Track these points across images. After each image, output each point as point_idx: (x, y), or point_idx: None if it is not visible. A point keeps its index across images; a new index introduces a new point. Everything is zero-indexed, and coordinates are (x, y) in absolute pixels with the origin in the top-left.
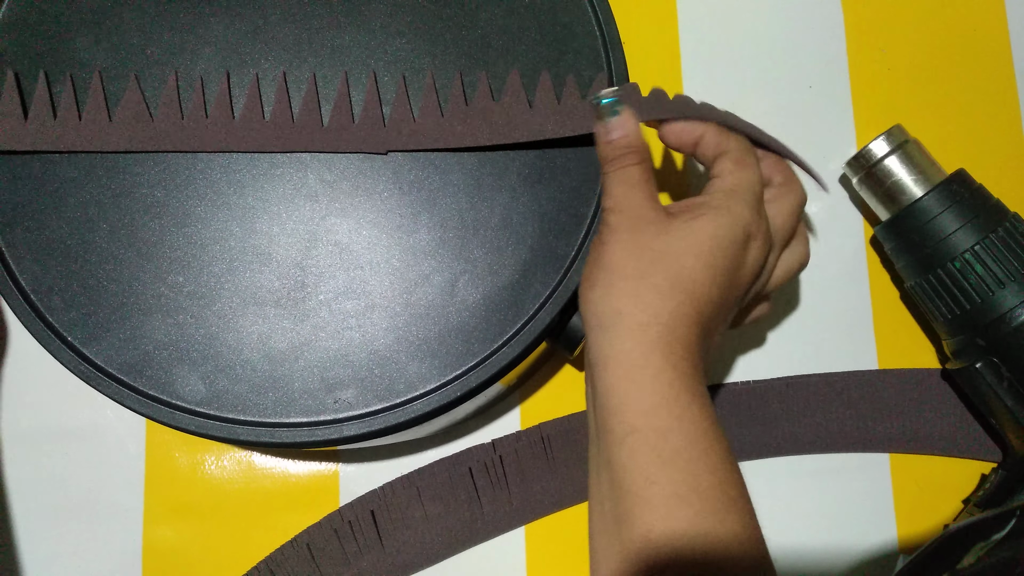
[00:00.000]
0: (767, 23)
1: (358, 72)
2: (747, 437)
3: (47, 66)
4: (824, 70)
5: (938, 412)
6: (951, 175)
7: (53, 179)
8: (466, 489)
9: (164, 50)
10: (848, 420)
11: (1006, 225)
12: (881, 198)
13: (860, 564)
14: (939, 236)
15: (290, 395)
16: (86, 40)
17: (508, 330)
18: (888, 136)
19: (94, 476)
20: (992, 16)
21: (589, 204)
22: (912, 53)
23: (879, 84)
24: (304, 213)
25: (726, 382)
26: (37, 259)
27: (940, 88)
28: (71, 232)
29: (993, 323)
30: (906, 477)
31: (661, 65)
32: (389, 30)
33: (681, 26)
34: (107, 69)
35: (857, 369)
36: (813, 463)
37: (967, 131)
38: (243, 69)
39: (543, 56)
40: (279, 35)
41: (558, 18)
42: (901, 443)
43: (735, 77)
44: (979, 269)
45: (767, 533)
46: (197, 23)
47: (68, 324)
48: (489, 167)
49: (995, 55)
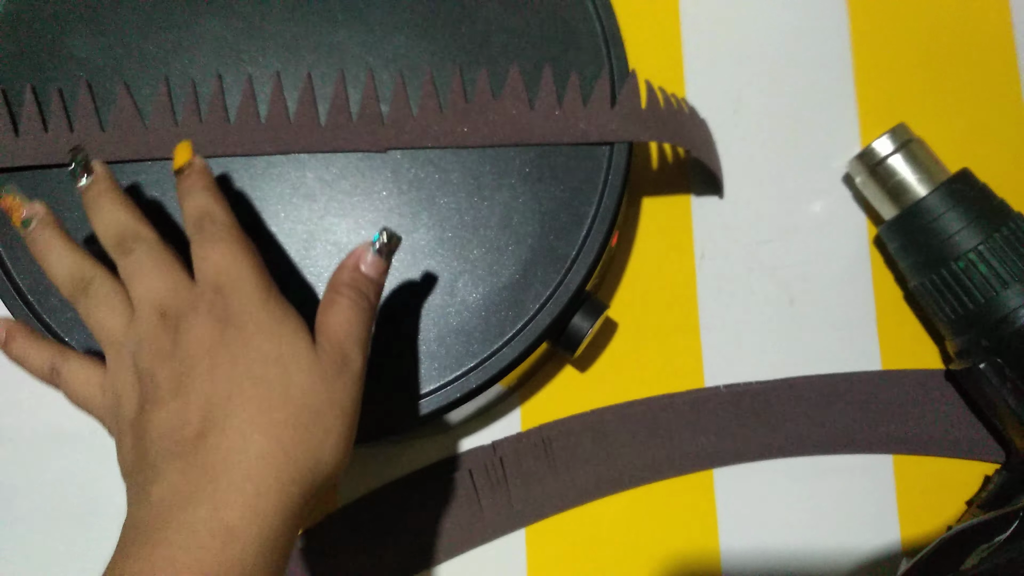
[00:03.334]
0: (771, 20)
1: (356, 70)
2: (750, 438)
3: (42, 65)
4: (828, 68)
5: (941, 413)
6: (955, 174)
7: (52, 179)
8: (466, 491)
9: (160, 48)
10: (851, 421)
11: (1010, 225)
12: (885, 197)
13: (863, 565)
14: (943, 236)
15: None
16: (81, 39)
17: (508, 330)
18: (892, 135)
19: (94, 476)
20: (996, 15)
21: (590, 203)
22: (916, 51)
23: (883, 82)
24: (302, 213)
25: (728, 383)
26: (35, 260)
27: (944, 87)
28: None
29: (997, 323)
30: (909, 478)
31: (662, 62)
32: (387, 27)
33: (683, 23)
34: (102, 68)
35: (860, 370)
36: (816, 464)
37: (971, 130)
38: (239, 67)
39: (544, 53)
40: (276, 32)
41: (559, 14)
42: (904, 444)
43: (738, 74)
44: (983, 269)
45: (771, 535)
46: (193, 21)
47: (66, 325)
48: (489, 165)
49: (999, 54)
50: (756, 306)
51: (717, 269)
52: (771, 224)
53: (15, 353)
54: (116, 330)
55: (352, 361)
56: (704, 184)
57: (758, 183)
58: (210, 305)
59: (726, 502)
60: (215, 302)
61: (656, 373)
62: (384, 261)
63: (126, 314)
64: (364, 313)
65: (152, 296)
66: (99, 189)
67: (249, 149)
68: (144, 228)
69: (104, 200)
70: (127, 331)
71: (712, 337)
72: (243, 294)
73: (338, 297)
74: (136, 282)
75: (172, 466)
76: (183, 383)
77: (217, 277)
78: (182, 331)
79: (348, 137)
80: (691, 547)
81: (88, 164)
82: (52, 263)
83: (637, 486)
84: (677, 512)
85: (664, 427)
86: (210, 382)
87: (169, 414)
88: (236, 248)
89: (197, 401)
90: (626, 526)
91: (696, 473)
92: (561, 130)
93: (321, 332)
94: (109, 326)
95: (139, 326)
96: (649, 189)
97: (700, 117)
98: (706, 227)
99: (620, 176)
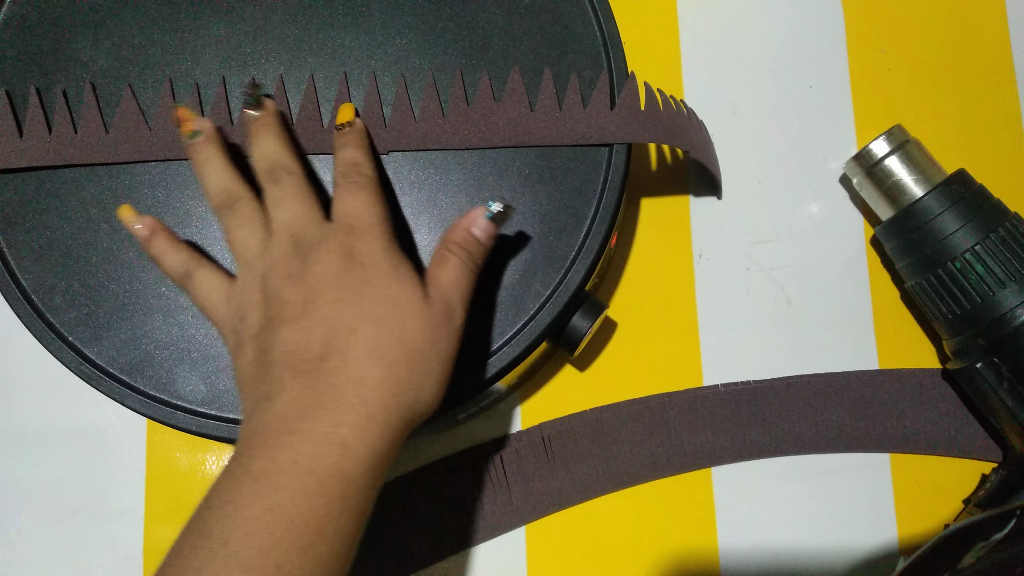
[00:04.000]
0: (768, 23)
1: (358, 72)
2: (747, 437)
3: (47, 67)
4: (825, 70)
5: (939, 412)
6: (951, 175)
7: (54, 179)
8: (466, 489)
9: (164, 51)
10: (848, 420)
11: (1007, 225)
12: (882, 198)
13: (860, 564)
14: (940, 236)
15: None
16: (86, 41)
17: (508, 330)
18: (888, 136)
19: (94, 476)
20: (993, 16)
21: (590, 204)
22: (913, 53)
23: (879, 84)
24: None
25: (726, 382)
26: (38, 259)
27: (941, 88)
28: (72, 232)
29: (993, 323)
30: (907, 477)
31: (661, 65)
32: (389, 30)
33: (681, 26)
34: (106, 70)
35: (857, 369)
36: (813, 463)
37: (968, 131)
38: (243, 70)
39: (543, 56)
40: (280, 36)
41: (558, 18)
42: (901, 443)
43: (736, 76)
44: (979, 269)
45: (769, 533)
46: (198, 24)
47: (69, 324)
48: (489, 167)
49: (996, 55)
50: (754, 306)
51: (715, 269)
52: (769, 224)
53: (155, 250)
54: (252, 248)
55: (456, 315)
56: (703, 185)
57: (756, 184)
58: (341, 242)
59: (724, 500)
60: (345, 241)
61: (655, 372)
62: (495, 227)
63: (263, 237)
64: (470, 273)
65: (290, 224)
66: (264, 122)
67: None
68: (295, 164)
69: (266, 132)
70: (262, 252)
71: (710, 336)
72: (370, 238)
73: (449, 255)
74: (278, 209)
75: (295, 382)
76: (308, 308)
77: (351, 219)
78: (312, 260)
79: None
80: (689, 545)
81: (261, 100)
82: (209, 175)
83: (636, 484)
84: (676, 510)
85: (663, 426)
86: (334, 311)
87: (294, 333)
88: (373, 199)
89: (320, 326)
90: (625, 524)
91: (694, 471)
92: (561, 132)
93: (432, 284)
94: (247, 244)
95: (273, 249)
96: (648, 190)
97: (699, 119)
98: (704, 227)
99: (619, 177)
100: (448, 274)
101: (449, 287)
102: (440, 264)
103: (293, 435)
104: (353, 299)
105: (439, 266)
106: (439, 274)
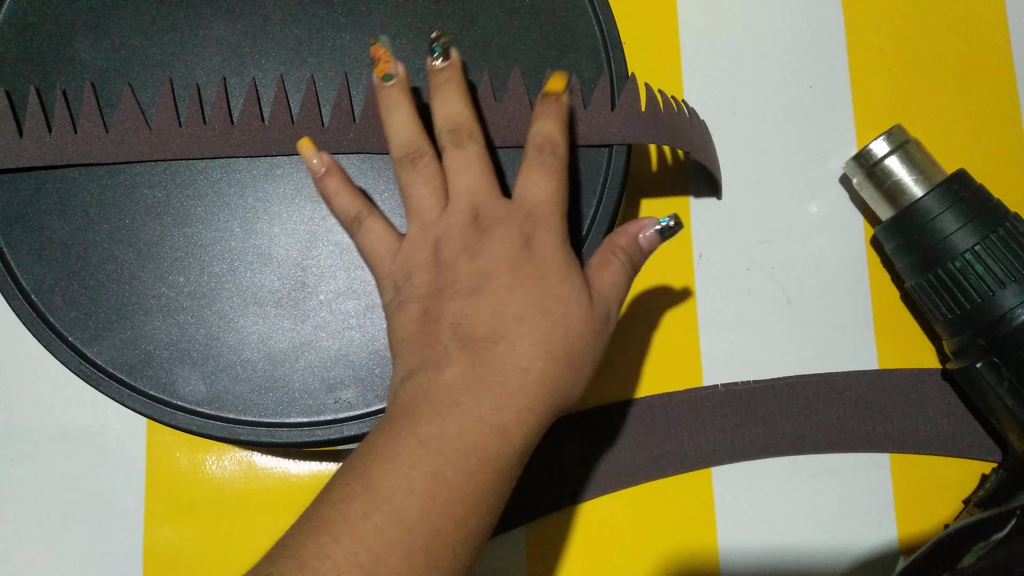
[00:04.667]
0: (767, 23)
1: (359, 72)
2: (747, 437)
3: (47, 67)
4: (824, 70)
5: (938, 412)
6: (951, 175)
7: (54, 179)
8: None
9: (164, 51)
10: (848, 420)
11: (1006, 225)
12: (881, 198)
13: (860, 564)
14: (939, 236)
15: (291, 395)
16: (86, 41)
17: None
18: (888, 136)
19: (94, 476)
20: (992, 16)
21: (590, 204)
22: (913, 53)
23: (879, 84)
24: (305, 213)
25: (726, 382)
26: (38, 259)
27: (941, 88)
28: (72, 232)
29: (993, 323)
30: (906, 477)
31: (661, 65)
32: (390, 30)
33: (681, 25)
34: (106, 70)
35: (857, 369)
36: (813, 463)
37: (967, 131)
38: (243, 70)
39: (543, 56)
40: (280, 35)
41: (558, 18)
42: (901, 443)
43: (735, 77)
44: (979, 269)
45: (768, 533)
46: (197, 23)
47: (69, 324)
48: None
49: (996, 55)
50: (754, 306)
51: (715, 269)
52: (769, 225)
53: (328, 188)
54: (430, 210)
55: (612, 319)
56: (703, 185)
57: (756, 184)
58: (521, 227)
59: (724, 500)
60: (525, 227)
61: (654, 372)
62: (660, 240)
63: (442, 199)
64: (629, 280)
65: (472, 194)
66: (450, 75)
67: (252, 150)
68: (478, 129)
69: (453, 86)
70: (440, 216)
71: (710, 336)
72: (549, 230)
73: (613, 258)
74: (461, 176)
75: (463, 358)
76: (481, 285)
77: (533, 205)
78: (489, 238)
79: (351, 139)
80: (689, 545)
81: (449, 50)
82: (393, 122)
83: (636, 484)
84: (676, 510)
85: (662, 426)
86: (506, 296)
87: (464, 307)
88: (561, 186)
89: (490, 308)
90: (625, 524)
91: (694, 471)
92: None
93: (595, 287)
94: (425, 204)
95: (452, 216)
96: (648, 190)
97: (700, 119)
98: (704, 228)
99: (619, 177)
100: (611, 277)
101: (610, 290)
102: (604, 266)
103: (458, 408)
104: (526, 289)
105: (602, 267)
106: (602, 275)
